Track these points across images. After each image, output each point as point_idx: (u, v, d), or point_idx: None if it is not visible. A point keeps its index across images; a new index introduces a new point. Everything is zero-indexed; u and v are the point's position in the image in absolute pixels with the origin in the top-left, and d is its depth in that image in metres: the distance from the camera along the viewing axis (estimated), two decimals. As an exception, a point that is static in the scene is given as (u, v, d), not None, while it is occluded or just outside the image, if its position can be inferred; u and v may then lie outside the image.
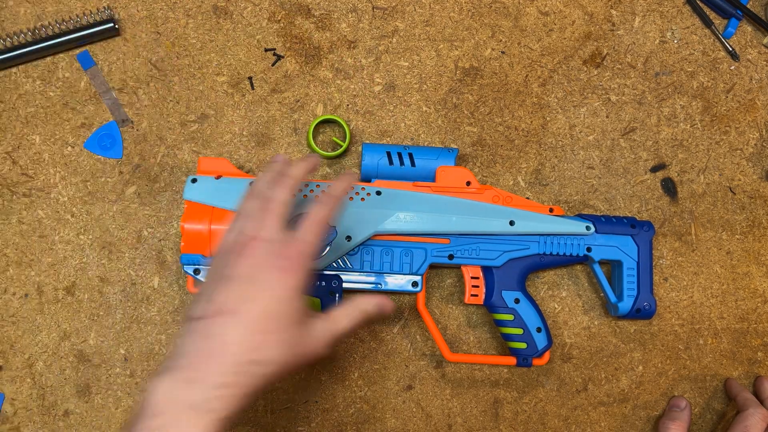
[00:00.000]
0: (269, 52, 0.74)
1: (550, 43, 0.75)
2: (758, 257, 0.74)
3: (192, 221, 0.64)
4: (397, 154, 0.68)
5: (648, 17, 0.76)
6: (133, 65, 0.73)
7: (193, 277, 0.65)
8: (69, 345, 0.70)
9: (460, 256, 0.67)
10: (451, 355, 0.67)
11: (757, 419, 0.66)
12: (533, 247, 0.67)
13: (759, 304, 0.73)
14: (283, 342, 0.50)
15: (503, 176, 0.73)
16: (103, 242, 0.71)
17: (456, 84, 0.74)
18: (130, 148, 0.72)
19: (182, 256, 0.64)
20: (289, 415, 0.70)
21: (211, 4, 0.74)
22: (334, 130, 0.73)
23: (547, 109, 0.74)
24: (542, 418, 0.71)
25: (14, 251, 0.71)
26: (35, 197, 0.71)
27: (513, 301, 0.67)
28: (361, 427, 0.71)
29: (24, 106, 0.72)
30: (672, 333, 0.73)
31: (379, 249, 0.66)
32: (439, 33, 0.75)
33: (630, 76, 0.75)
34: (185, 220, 0.64)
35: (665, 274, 0.73)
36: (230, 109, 0.73)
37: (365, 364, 0.71)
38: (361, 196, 0.66)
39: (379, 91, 0.74)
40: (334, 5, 0.75)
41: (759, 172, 0.75)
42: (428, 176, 0.68)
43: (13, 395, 0.70)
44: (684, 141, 0.75)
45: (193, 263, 0.64)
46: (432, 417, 0.71)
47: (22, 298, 0.70)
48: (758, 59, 0.76)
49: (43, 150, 0.72)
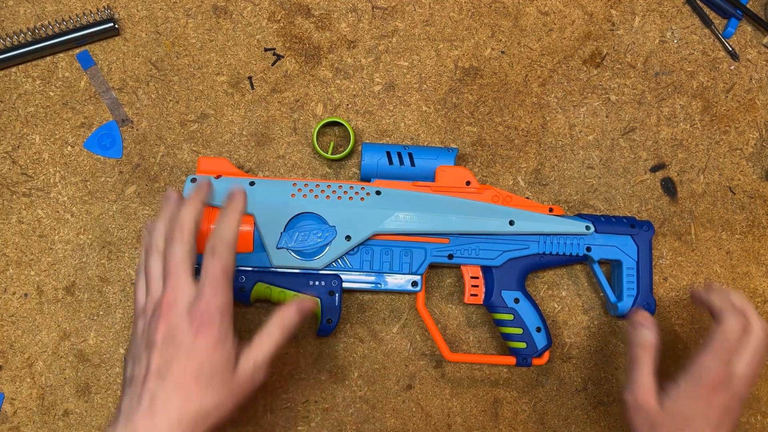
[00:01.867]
0: (269, 51, 0.74)
1: (550, 43, 0.75)
2: (758, 257, 0.74)
3: None
4: (397, 154, 0.68)
5: (648, 17, 0.76)
6: (132, 65, 0.73)
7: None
8: (69, 345, 0.70)
9: (459, 255, 0.67)
10: (450, 355, 0.67)
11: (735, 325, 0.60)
12: (533, 247, 0.68)
13: (759, 304, 0.73)
14: (215, 389, 0.53)
15: (503, 176, 0.73)
16: (103, 242, 0.71)
17: (456, 84, 0.74)
18: (130, 147, 0.72)
19: None
20: (289, 415, 0.70)
21: (211, 4, 0.74)
22: (334, 130, 0.73)
23: (547, 109, 0.74)
24: (542, 418, 0.71)
25: (14, 251, 0.71)
26: (35, 197, 0.72)
27: (512, 301, 0.67)
28: (361, 427, 0.71)
29: (24, 105, 0.72)
30: (672, 333, 0.73)
31: (379, 249, 0.66)
32: (439, 33, 0.75)
33: (630, 75, 0.75)
34: None
35: (665, 274, 0.73)
36: (230, 109, 0.73)
37: (365, 364, 0.71)
38: (360, 196, 0.66)
39: (378, 90, 0.74)
40: (334, 5, 0.75)
41: (759, 172, 0.75)
42: (428, 176, 0.68)
43: (12, 395, 0.70)
44: (684, 141, 0.75)
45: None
46: (432, 417, 0.71)
47: (21, 297, 0.71)
48: (758, 59, 0.76)
49: (43, 150, 0.72)
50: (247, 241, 0.65)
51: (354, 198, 0.66)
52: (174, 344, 0.52)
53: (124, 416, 0.52)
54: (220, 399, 0.53)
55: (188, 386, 0.52)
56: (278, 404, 0.71)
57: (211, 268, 0.54)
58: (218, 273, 0.54)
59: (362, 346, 0.71)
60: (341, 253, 0.65)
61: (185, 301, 0.53)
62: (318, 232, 0.65)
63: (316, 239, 0.65)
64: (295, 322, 0.58)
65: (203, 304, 0.53)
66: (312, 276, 0.65)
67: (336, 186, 0.66)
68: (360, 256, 0.66)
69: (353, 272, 0.66)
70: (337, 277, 0.66)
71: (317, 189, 0.66)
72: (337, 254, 0.65)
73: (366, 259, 0.66)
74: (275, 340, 0.56)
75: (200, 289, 0.53)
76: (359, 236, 0.65)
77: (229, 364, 0.54)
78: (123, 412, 0.53)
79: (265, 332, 0.56)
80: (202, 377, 0.52)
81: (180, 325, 0.53)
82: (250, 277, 0.65)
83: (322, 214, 0.65)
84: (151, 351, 0.53)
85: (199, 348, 0.52)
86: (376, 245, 0.66)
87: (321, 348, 0.71)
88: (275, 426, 0.70)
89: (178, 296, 0.53)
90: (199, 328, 0.52)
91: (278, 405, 0.71)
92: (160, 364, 0.52)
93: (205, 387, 0.52)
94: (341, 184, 0.66)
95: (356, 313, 0.72)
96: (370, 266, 0.66)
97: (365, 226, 0.65)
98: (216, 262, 0.54)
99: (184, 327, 0.53)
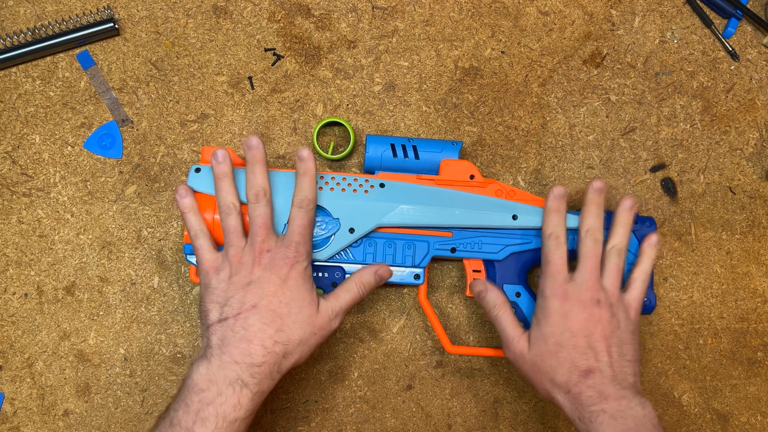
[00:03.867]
0: (269, 51, 0.74)
1: (550, 43, 0.75)
2: (758, 257, 0.74)
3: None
4: (401, 147, 0.68)
5: (648, 17, 0.76)
6: (132, 65, 0.73)
7: (195, 267, 0.65)
8: (69, 345, 0.70)
9: (462, 249, 0.67)
10: (451, 347, 0.67)
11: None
12: (535, 242, 0.68)
13: (759, 304, 0.73)
14: (297, 322, 0.59)
15: (503, 176, 0.73)
16: (103, 242, 0.71)
17: (456, 84, 0.74)
18: (130, 147, 0.72)
19: (185, 246, 0.64)
20: (289, 415, 0.70)
21: (211, 4, 0.74)
22: (334, 131, 0.73)
23: (547, 109, 0.74)
24: (542, 418, 0.71)
25: (14, 251, 0.71)
26: (35, 197, 0.72)
27: (514, 295, 0.67)
28: (361, 427, 0.71)
29: (24, 105, 0.72)
30: (672, 333, 0.73)
31: (382, 241, 0.67)
32: (439, 33, 0.75)
33: (630, 76, 0.75)
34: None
35: (665, 273, 0.73)
36: (230, 109, 0.73)
37: (365, 364, 0.71)
38: (364, 188, 0.66)
39: (378, 90, 0.74)
40: (334, 5, 0.75)
41: (759, 172, 0.75)
42: (432, 169, 0.68)
43: (12, 395, 0.70)
44: (684, 141, 0.75)
45: None
46: (432, 417, 0.71)
47: (21, 297, 0.70)
48: (758, 59, 0.76)
49: (42, 150, 0.72)
50: None
51: (358, 190, 0.66)
52: (269, 280, 0.59)
53: (216, 348, 0.58)
54: (304, 335, 0.60)
55: (281, 317, 0.59)
56: (278, 404, 0.71)
57: (299, 219, 0.61)
58: (305, 223, 0.61)
59: (362, 346, 0.71)
60: (345, 246, 0.65)
61: (277, 248, 0.60)
62: (321, 224, 0.65)
63: (320, 231, 0.65)
64: (372, 284, 0.64)
65: (293, 248, 0.60)
66: (315, 267, 0.66)
67: (340, 178, 0.66)
68: (363, 248, 0.66)
69: (357, 264, 0.66)
70: (341, 269, 0.66)
71: (321, 181, 0.66)
72: (340, 246, 0.65)
73: (369, 251, 0.66)
74: (353, 294, 0.63)
75: (289, 237, 0.60)
76: (363, 229, 0.65)
77: (313, 304, 0.60)
78: (213, 345, 0.58)
79: (344, 287, 0.63)
80: (293, 311, 0.59)
81: (274, 264, 0.59)
82: None
83: (326, 206, 0.65)
84: (246, 290, 0.59)
85: (291, 284, 0.59)
86: (379, 238, 0.66)
87: (321, 348, 0.71)
88: (275, 426, 0.70)
89: (270, 245, 0.60)
90: (292, 266, 0.59)
91: (278, 405, 0.71)
92: (255, 299, 0.58)
93: (294, 321, 0.59)
94: (345, 176, 0.66)
95: (356, 313, 0.72)
96: (373, 258, 0.66)
97: (369, 218, 0.65)
98: (303, 213, 0.61)
99: (278, 266, 0.59)
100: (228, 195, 0.61)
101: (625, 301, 0.62)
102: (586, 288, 0.61)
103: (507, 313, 0.64)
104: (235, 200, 0.61)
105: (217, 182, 0.62)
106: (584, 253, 0.62)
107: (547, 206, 0.64)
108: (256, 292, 0.59)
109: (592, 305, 0.60)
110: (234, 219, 0.61)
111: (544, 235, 0.63)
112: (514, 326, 0.63)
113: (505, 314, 0.64)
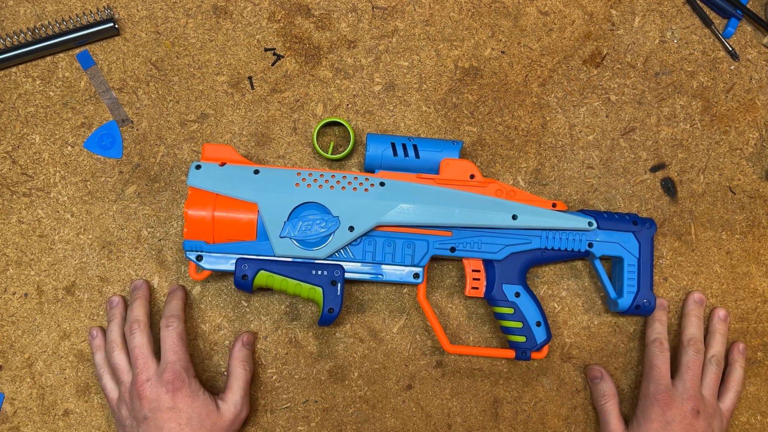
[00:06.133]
0: (269, 51, 0.74)
1: (550, 43, 0.75)
2: (758, 257, 0.74)
3: (196, 208, 0.64)
4: (402, 146, 0.68)
5: (648, 17, 0.76)
6: (132, 65, 0.73)
7: (195, 263, 0.65)
8: (69, 345, 0.70)
9: (461, 248, 0.67)
10: (450, 347, 0.67)
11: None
12: (535, 242, 0.68)
13: (759, 304, 0.73)
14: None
15: (503, 176, 0.73)
16: (103, 242, 0.71)
17: (456, 84, 0.74)
18: (130, 147, 0.72)
19: (185, 243, 0.64)
20: (289, 415, 0.70)
21: (211, 4, 0.74)
22: (334, 130, 0.73)
23: (547, 109, 0.74)
24: (542, 417, 0.71)
25: (14, 251, 0.71)
26: (35, 197, 0.71)
27: (513, 295, 0.67)
28: (361, 427, 0.70)
29: (24, 105, 0.72)
30: (672, 333, 0.73)
31: (382, 240, 0.66)
32: (439, 33, 0.75)
33: (630, 75, 0.75)
34: (189, 206, 0.64)
35: (665, 273, 0.73)
36: (230, 109, 0.73)
37: (365, 364, 0.71)
38: (364, 187, 0.66)
39: (378, 90, 0.74)
40: (334, 5, 0.75)
41: (759, 172, 0.75)
42: (432, 168, 0.68)
43: (12, 395, 0.70)
44: (684, 141, 0.75)
45: (196, 249, 0.65)
46: (432, 417, 0.71)
47: (21, 297, 0.70)
48: (758, 59, 0.76)
49: (43, 150, 0.72)
50: (250, 230, 0.65)
51: (358, 189, 0.66)
52: (159, 410, 0.62)
53: None
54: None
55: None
56: (278, 404, 0.70)
57: (169, 338, 0.65)
58: (175, 340, 0.65)
59: (362, 346, 0.71)
60: (344, 244, 0.65)
61: (157, 374, 0.64)
62: (321, 222, 0.65)
63: (320, 229, 0.65)
64: (249, 355, 0.68)
65: (170, 369, 0.64)
66: (314, 266, 0.65)
67: (340, 176, 0.66)
68: (363, 246, 0.66)
69: (356, 263, 0.66)
70: (340, 267, 0.66)
71: (321, 179, 0.66)
72: (339, 244, 0.65)
73: (369, 250, 0.66)
74: (243, 377, 0.67)
75: (164, 359, 0.64)
76: (362, 227, 0.65)
77: (212, 411, 0.64)
78: None
79: (231, 376, 0.67)
80: (195, 427, 0.63)
81: (159, 393, 0.63)
82: (252, 265, 0.65)
83: (325, 204, 0.65)
84: (146, 423, 0.62)
85: (182, 406, 0.63)
86: (378, 236, 0.66)
87: (321, 348, 0.71)
88: (275, 426, 0.70)
89: (150, 373, 0.64)
90: (175, 389, 0.63)
91: (278, 405, 0.70)
92: (156, 429, 0.62)
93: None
94: (345, 175, 0.66)
95: (356, 313, 0.72)
96: (373, 257, 0.66)
97: (368, 217, 0.65)
98: (171, 332, 0.65)
99: (162, 393, 0.63)
100: (113, 333, 0.67)
101: (721, 411, 0.67)
102: (688, 397, 0.65)
103: (615, 407, 0.68)
104: (119, 339, 0.66)
105: (109, 323, 0.68)
106: (686, 362, 0.67)
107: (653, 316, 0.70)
108: (153, 424, 0.62)
109: (692, 416, 0.64)
110: (118, 356, 0.66)
111: (649, 340, 0.68)
112: (617, 420, 0.67)
113: (613, 408, 0.68)
